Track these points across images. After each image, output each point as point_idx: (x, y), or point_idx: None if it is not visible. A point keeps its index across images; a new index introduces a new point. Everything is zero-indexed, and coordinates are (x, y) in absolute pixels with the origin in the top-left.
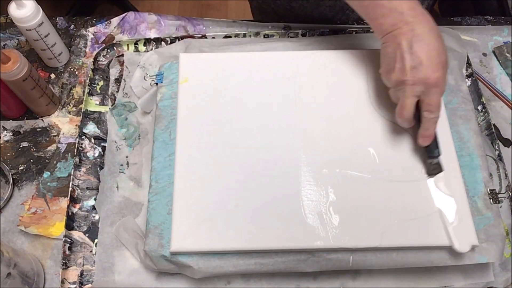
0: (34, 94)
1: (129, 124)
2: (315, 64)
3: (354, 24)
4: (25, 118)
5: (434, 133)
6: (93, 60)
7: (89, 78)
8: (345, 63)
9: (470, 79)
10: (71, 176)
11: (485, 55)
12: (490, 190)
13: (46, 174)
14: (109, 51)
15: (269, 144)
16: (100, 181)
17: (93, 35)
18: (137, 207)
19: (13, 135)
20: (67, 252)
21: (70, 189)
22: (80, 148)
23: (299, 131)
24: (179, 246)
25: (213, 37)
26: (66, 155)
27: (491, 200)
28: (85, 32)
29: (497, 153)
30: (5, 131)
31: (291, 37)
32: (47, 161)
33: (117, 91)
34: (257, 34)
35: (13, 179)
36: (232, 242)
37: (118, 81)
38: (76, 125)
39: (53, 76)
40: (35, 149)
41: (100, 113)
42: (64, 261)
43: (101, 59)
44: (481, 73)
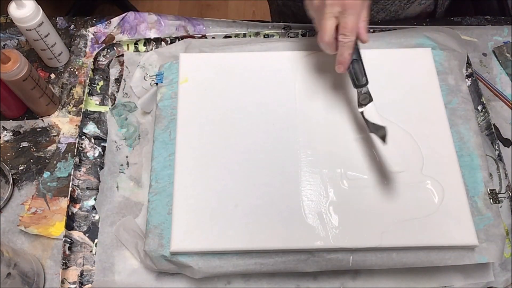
0: (34, 94)
1: (129, 124)
2: (315, 64)
3: None
4: (25, 118)
5: (348, 59)
6: (93, 60)
7: (89, 78)
8: None
9: (470, 79)
10: (71, 176)
11: (485, 55)
12: (490, 190)
13: (46, 174)
14: (109, 51)
15: (269, 144)
16: (100, 181)
17: (93, 35)
18: (137, 207)
19: (13, 135)
20: (67, 252)
21: (70, 189)
22: (80, 148)
23: (299, 131)
24: (179, 246)
25: (213, 37)
26: (66, 155)
27: (491, 200)
28: (85, 32)
29: (497, 153)
30: (5, 131)
31: (291, 37)
32: (47, 161)
33: (117, 91)
34: (257, 34)
35: (13, 179)
36: (232, 242)
37: (118, 81)
38: (76, 125)
39: (53, 76)
40: (35, 149)
41: (100, 113)
42: (64, 261)
43: (101, 59)
44: (481, 73)
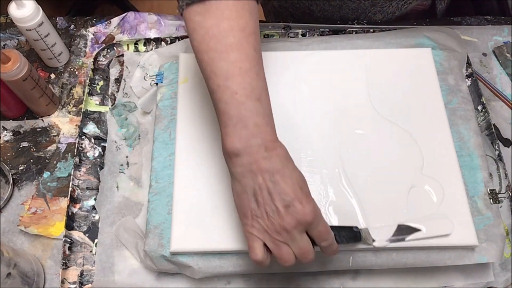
0: (34, 94)
1: (129, 124)
2: (315, 64)
3: (354, 24)
4: (25, 118)
5: (337, 249)
6: (93, 60)
7: (89, 78)
8: (345, 63)
9: (470, 79)
10: (71, 176)
11: (485, 55)
12: (490, 190)
13: (46, 174)
14: (109, 51)
15: None
16: (100, 181)
17: (93, 35)
18: (137, 207)
19: (13, 135)
20: (67, 252)
21: (70, 189)
22: (80, 148)
23: (299, 131)
24: (179, 246)
25: None
26: (66, 155)
27: (491, 200)
28: (85, 32)
29: (497, 153)
30: (5, 131)
31: (291, 37)
32: (47, 161)
33: (117, 91)
34: None
35: (13, 179)
36: (232, 242)
37: (118, 81)
38: (76, 125)
39: (53, 76)
40: (35, 149)
41: (100, 113)
42: (64, 261)
43: (101, 59)
44: (481, 73)
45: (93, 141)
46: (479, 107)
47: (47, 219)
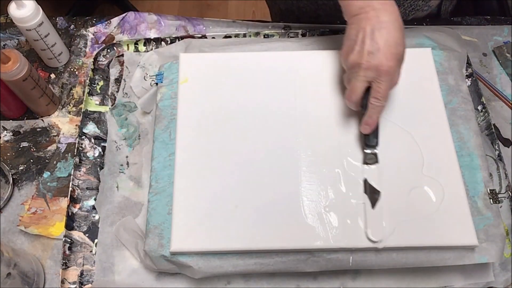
0: (34, 94)
1: (129, 124)
2: (315, 64)
3: None
4: (25, 118)
5: (376, 121)
6: (93, 60)
7: (89, 78)
8: None
9: (470, 79)
10: (71, 176)
11: (485, 55)
12: (490, 190)
13: (46, 174)
14: (109, 51)
15: (269, 144)
16: (100, 181)
17: (93, 35)
18: (137, 207)
19: (13, 135)
20: (67, 252)
21: (70, 189)
22: (80, 148)
23: (299, 131)
24: (179, 246)
25: (213, 37)
26: (66, 155)
27: (491, 200)
28: (85, 32)
29: (497, 153)
30: (5, 131)
31: (291, 37)
32: (47, 161)
33: (117, 91)
34: (257, 34)
35: (13, 179)
36: (232, 242)
37: (118, 81)
38: (76, 125)
39: (53, 76)
40: (35, 149)
41: (100, 113)
42: (64, 261)
43: (101, 59)
44: (481, 73)
45: (93, 141)
46: (479, 107)
47: (47, 219)
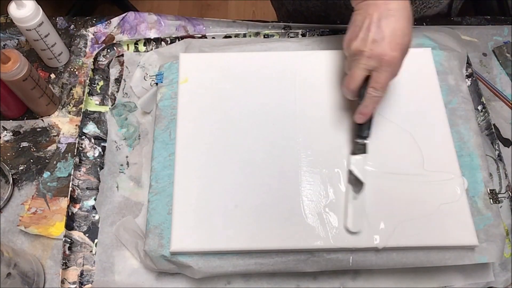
0: (34, 94)
1: (129, 124)
2: (315, 64)
3: None
4: (25, 118)
5: (371, 112)
6: (93, 60)
7: (89, 78)
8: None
9: (470, 79)
10: (71, 176)
11: (485, 55)
12: (490, 190)
13: (46, 174)
14: (109, 51)
15: (269, 144)
16: (100, 181)
17: (93, 35)
18: (137, 207)
19: (13, 135)
20: (67, 252)
21: (70, 189)
22: (80, 148)
23: (299, 131)
24: (179, 246)
25: (213, 37)
26: (66, 155)
27: (491, 200)
28: (85, 32)
29: (497, 153)
30: (5, 131)
31: (291, 37)
32: (47, 161)
33: (117, 91)
34: (257, 34)
35: (13, 179)
36: (232, 242)
37: (118, 81)
38: (76, 125)
39: (53, 76)
40: (35, 149)
41: (100, 113)
42: (64, 261)
43: (101, 59)
44: (481, 73)
45: (93, 141)
46: (479, 107)
47: (47, 219)
